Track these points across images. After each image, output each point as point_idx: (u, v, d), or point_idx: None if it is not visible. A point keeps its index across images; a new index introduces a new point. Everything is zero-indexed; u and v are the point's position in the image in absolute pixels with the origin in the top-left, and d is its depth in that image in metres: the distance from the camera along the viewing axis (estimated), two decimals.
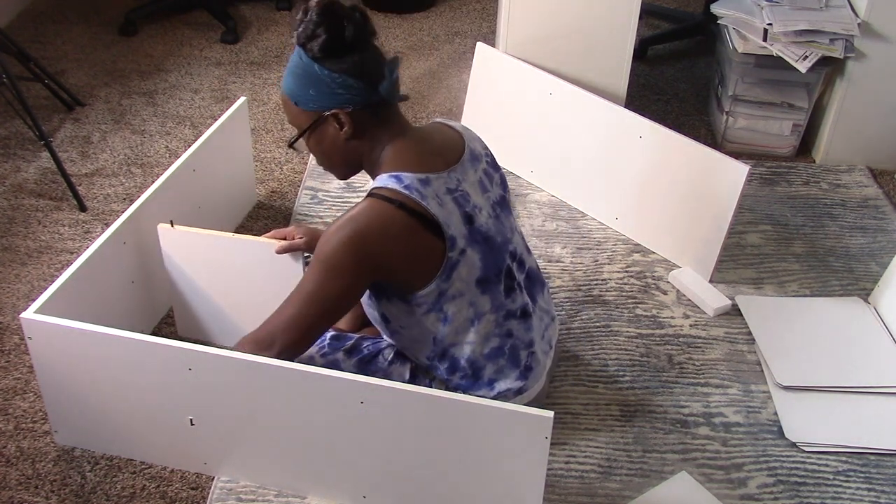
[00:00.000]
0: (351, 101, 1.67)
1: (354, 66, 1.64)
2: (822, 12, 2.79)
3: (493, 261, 1.75)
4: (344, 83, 1.65)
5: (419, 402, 1.66)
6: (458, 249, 1.68)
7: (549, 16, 2.71)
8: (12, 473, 1.91)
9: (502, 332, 1.80)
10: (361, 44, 1.65)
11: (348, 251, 1.61)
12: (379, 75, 1.67)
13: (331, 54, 1.64)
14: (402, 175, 1.66)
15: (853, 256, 2.57)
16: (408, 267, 1.67)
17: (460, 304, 1.72)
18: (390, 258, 1.64)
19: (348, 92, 1.66)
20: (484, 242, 1.73)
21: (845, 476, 1.95)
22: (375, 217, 1.62)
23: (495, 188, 1.83)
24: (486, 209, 1.77)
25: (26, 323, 1.79)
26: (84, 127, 3.04)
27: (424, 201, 1.64)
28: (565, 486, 1.90)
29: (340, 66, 1.64)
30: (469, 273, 1.71)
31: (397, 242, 1.64)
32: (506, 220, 1.84)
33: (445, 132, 1.81)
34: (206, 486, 1.89)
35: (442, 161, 1.73)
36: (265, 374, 1.70)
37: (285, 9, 3.85)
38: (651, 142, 2.47)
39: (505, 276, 1.79)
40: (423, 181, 1.66)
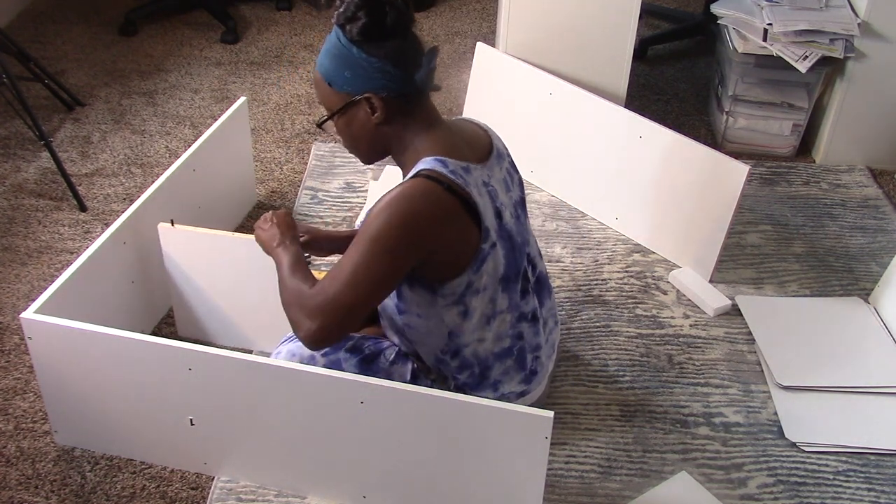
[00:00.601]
0: (385, 87, 1.64)
1: (392, 52, 1.62)
2: (822, 12, 2.79)
3: (514, 260, 1.76)
4: (381, 68, 1.63)
5: (419, 402, 1.66)
6: (490, 242, 1.68)
7: (549, 16, 2.71)
8: (12, 473, 1.91)
9: (514, 334, 1.80)
10: (401, 30, 1.64)
11: (400, 228, 1.58)
12: (416, 64, 1.65)
13: (370, 38, 1.62)
14: (447, 160, 1.64)
15: (853, 256, 2.57)
16: (448, 252, 1.66)
17: (482, 300, 1.72)
18: (436, 239, 1.62)
19: (384, 77, 1.63)
20: (508, 240, 1.74)
21: (845, 476, 1.95)
22: (426, 196, 1.61)
23: (515, 189, 1.84)
24: (510, 209, 1.78)
25: (26, 323, 1.79)
26: (84, 127, 3.04)
27: (468, 188, 1.64)
28: (565, 486, 1.90)
29: (378, 51, 1.62)
30: (495, 269, 1.71)
31: (444, 224, 1.62)
32: (524, 222, 1.85)
33: (472, 128, 1.81)
34: (206, 486, 1.89)
35: (474, 155, 1.73)
36: (265, 374, 1.70)
37: (285, 9, 3.85)
38: (651, 142, 2.47)
39: (522, 278, 1.80)
40: (465, 169, 1.67)
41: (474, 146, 1.75)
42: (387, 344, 1.85)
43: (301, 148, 2.97)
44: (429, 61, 1.67)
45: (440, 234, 1.62)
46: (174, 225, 2.04)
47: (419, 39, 1.69)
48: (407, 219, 1.59)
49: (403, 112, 1.68)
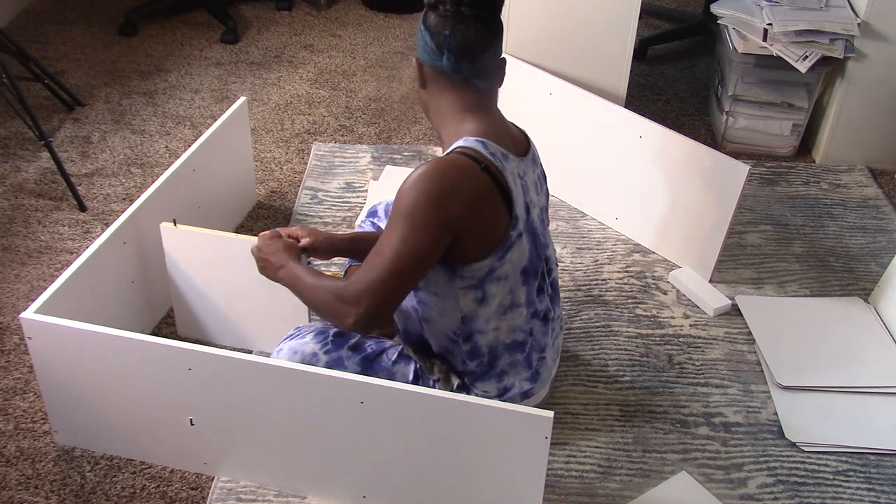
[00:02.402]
0: (429, 59, 1.69)
1: (437, 27, 1.65)
2: (822, 12, 2.79)
3: (536, 256, 1.78)
4: (422, 37, 1.68)
5: (419, 403, 1.66)
6: (518, 230, 1.70)
7: (549, 16, 2.71)
8: (12, 473, 1.91)
9: (526, 330, 1.81)
10: (465, 18, 1.64)
11: (433, 202, 1.58)
12: (467, 53, 1.66)
13: (433, 9, 1.66)
14: (488, 142, 1.67)
15: (853, 256, 2.57)
16: (478, 232, 1.65)
17: (502, 288, 1.73)
18: (469, 215, 1.61)
19: (424, 49, 1.69)
20: (532, 236, 1.76)
21: (845, 476, 1.95)
22: (461, 171, 1.62)
23: (542, 196, 1.87)
24: (537, 209, 1.80)
25: (26, 323, 1.79)
26: (84, 127, 3.04)
27: (504, 172, 1.66)
28: (565, 486, 1.90)
29: (429, 22, 1.66)
30: (519, 259, 1.73)
31: (477, 201, 1.62)
32: (547, 228, 1.88)
33: (514, 129, 1.84)
34: (206, 486, 1.89)
35: (515, 148, 1.76)
36: (265, 374, 1.70)
37: (285, 9, 3.86)
38: (651, 142, 2.47)
39: (540, 276, 1.82)
40: (504, 155, 1.69)
41: (516, 141, 1.79)
42: (389, 344, 1.85)
43: (301, 148, 2.97)
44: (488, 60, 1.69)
45: (473, 210, 1.62)
46: (176, 225, 2.04)
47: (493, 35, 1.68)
48: (441, 192, 1.59)
49: (444, 87, 1.71)
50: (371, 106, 3.22)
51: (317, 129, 3.07)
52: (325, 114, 3.16)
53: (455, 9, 1.63)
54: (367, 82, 3.36)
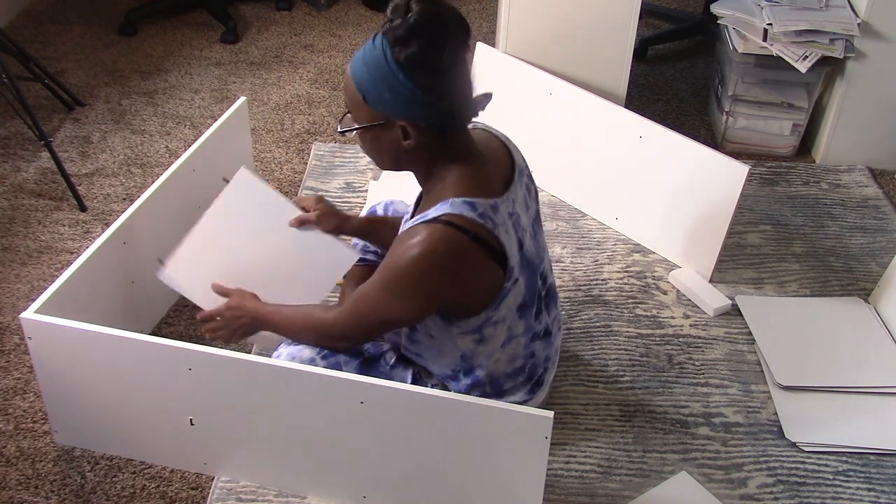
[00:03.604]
0: (426, 119, 1.56)
1: (442, 85, 1.54)
2: (822, 12, 2.79)
3: (531, 284, 1.73)
4: (425, 100, 1.53)
5: (419, 403, 1.66)
6: (513, 279, 1.65)
7: (549, 16, 2.71)
8: (12, 473, 1.91)
9: (527, 354, 1.80)
10: (457, 64, 1.55)
11: (418, 280, 1.57)
12: (463, 97, 1.58)
13: (421, 68, 1.51)
14: (476, 202, 1.58)
15: (853, 256, 2.57)
16: (469, 297, 1.64)
17: (499, 329, 1.71)
18: (457, 289, 1.61)
19: (426, 109, 1.55)
20: (528, 267, 1.71)
21: (845, 476, 1.95)
22: (450, 249, 1.56)
23: (532, 203, 1.79)
24: (529, 230, 1.73)
25: (26, 323, 1.79)
26: (84, 127, 3.04)
27: (496, 230, 1.59)
28: (565, 486, 1.90)
29: (427, 82, 1.52)
30: (515, 300, 1.69)
31: (467, 275, 1.60)
32: (540, 237, 1.81)
33: (494, 145, 1.73)
34: (206, 486, 1.89)
35: (501, 181, 1.67)
36: (265, 374, 1.70)
37: (285, 9, 3.85)
38: (651, 142, 2.47)
39: (537, 300, 1.78)
40: (494, 207, 1.60)
41: (501, 169, 1.70)
42: (387, 347, 1.85)
43: (301, 148, 2.97)
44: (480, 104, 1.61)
45: (462, 285, 1.61)
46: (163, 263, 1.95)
47: (470, 71, 1.60)
48: (426, 272, 1.56)
49: (438, 141, 1.60)
50: None
51: (317, 129, 3.07)
52: (325, 114, 3.16)
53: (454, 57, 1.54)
54: None
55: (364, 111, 1.59)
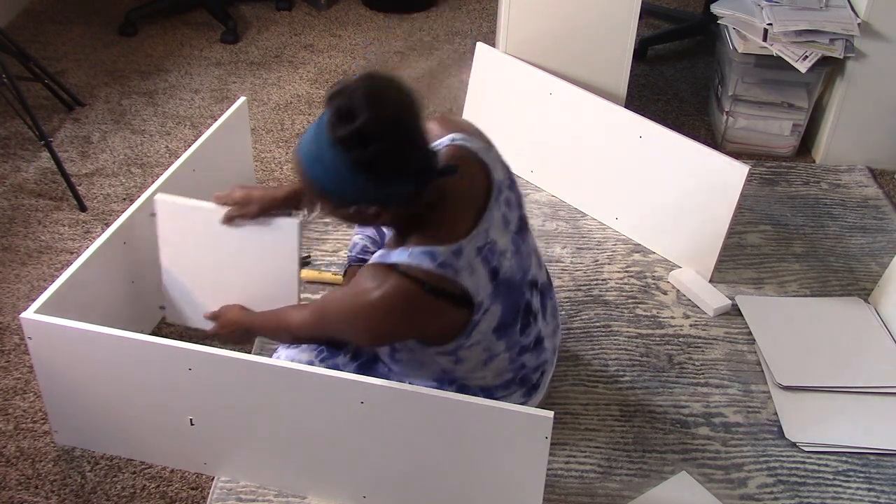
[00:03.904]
0: (393, 202, 1.55)
1: (405, 175, 1.51)
2: (822, 12, 2.79)
3: (512, 303, 1.72)
4: (390, 191, 1.51)
5: (419, 402, 1.66)
6: (482, 310, 1.65)
7: (549, 16, 2.71)
8: (12, 473, 1.91)
9: (515, 367, 1.79)
10: (414, 148, 1.51)
11: (373, 325, 1.60)
12: (431, 173, 1.54)
13: (381, 170, 1.48)
14: (436, 251, 1.57)
15: (853, 256, 2.57)
16: (429, 336, 1.67)
17: (474, 351, 1.70)
18: (414, 333, 1.66)
19: (393, 197, 1.53)
20: (506, 290, 1.70)
21: (845, 476, 1.95)
22: (404, 300, 1.56)
23: (514, 213, 1.75)
24: (509, 248, 1.71)
25: (26, 323, 1.79)
26: (84, 127, 3.04)
27: (458, 277, 1.58)
28: (565, 486, 1.90)
29: (389, 178, 1.50)
30: (488, 325, 1.68)
31: (423, 322, 1.62)
32: (524, 246, 1.77)
33: (471, 169, 1.67)
34: (206, 486, 1.89)
35: (472, 214, 1.64)
36: (265, 374, 1.70)
37: (285, 9, 3.85)
38: (651, 142, 2.47)
39: (522, 314, 1.76)
40: (457, 252, 1.59)
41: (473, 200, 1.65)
42: None
43: None
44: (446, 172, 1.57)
45: (419, 330, 1.65)
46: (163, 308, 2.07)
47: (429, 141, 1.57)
48: (384, 322, 1.60)
49: (407, 207, 1.58)
50: None
51: None
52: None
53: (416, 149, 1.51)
54: None
55: (328, 203, 1.58)
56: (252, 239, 1.93)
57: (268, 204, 1.88)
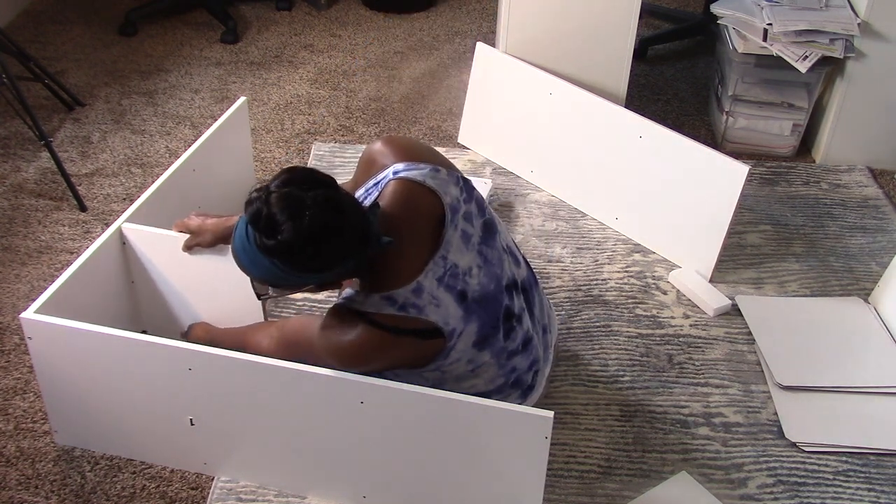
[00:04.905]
0: (338, 278, 1.61)
1: (344, 257, 1.54)
2: (822, 12, 2.79)
3: (489, 317, 1.71)
4: (334, 274, 1.57)
5: (419, 402, 1.66)
6: (456, 335, 1.66)
7: (549, 16, 2.71)
8: (12, 473, 1.91)
9: (506, 371, 1.79)
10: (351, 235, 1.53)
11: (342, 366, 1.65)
12: (369, 245, 1.56)
13: (318, 267, 1.53)
14: (395, 294, 1.60)
15: (853, 256, 2.57)
16: (408, 365, 1.70)
17: (458, 366, 1.71)
18: (391, 366, 1.68)
19: (338, 276, 1.59)
20: (479, 307, 1.69)
21: (845, 476, 1.95)
22: (373, 349, 1.62)
23: (476, 223, 1.73)
24: (474, 264, 1.69)
25: (26, 323, 1.79)
26: (84, 127, 3.04)
27: (423, 314, 1.61)
28: (565, 486, 1.90)
29: (328, 269, 1.54)
30: (466, 344, 1.69)
31: (396, 360, 1.66)
32: (492, 253, 1.75)
33: (420, 200, 1.66)
34: (206, 486, 1.89)
35: (427, 244, 1.65)
36: (265, 374, 1.70)
37: (285, 9, 3.85)
38: (651, 142, 2.47)
39: (504, 321, 1.75)
40: (416, 291, 1.61)
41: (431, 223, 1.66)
42: None
43: (301, 148, 2.97)
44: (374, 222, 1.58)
45: (396, 364, 1.68)
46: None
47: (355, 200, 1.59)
48: (360, 364, 1.64)
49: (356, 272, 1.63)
50: (371, 106, 3.21)
51: (317, 129, 3.07)
52: (325, 114, 3.16)
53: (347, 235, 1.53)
54: (367, 82, 3.36)
55: (279, 289, 1.65)
56: (215, 267, 2.00)
57: (221, 232, 1.94)
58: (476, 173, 2.83)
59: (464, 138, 2.96)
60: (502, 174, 2.82)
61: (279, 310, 2.31)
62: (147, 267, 2.08)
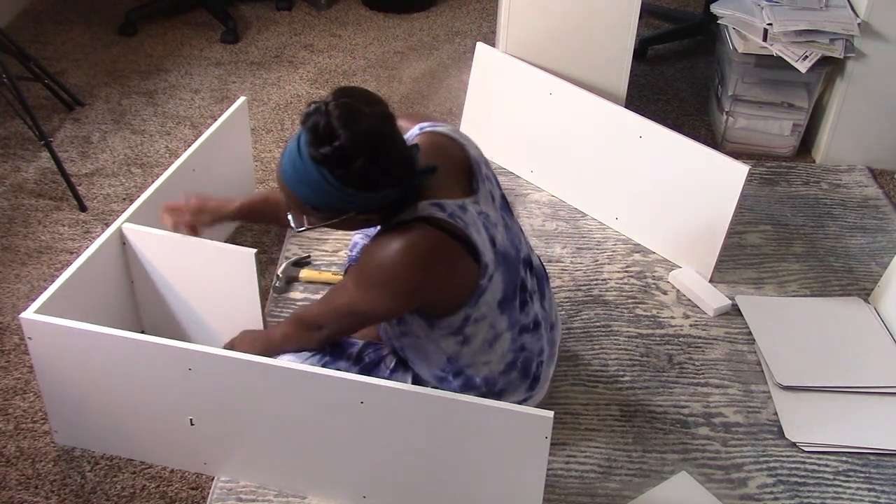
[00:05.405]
0: (382, 205, 1.59)
1: (391, 181, 1.55)
2: (822, 12, 2.79)
3: (510, 278, 1.73)
4: (378, 196, 1.56)
5: (419, 402, 1.66)
6: (488, 276, 1.66)
7: (549, 16, 2.71)
8: (12, 473, 1.91)
9: (516, 348, 1.79)
10: (396, 155, 1.55)
11: (398, 277, 1.58)
12: (413, 175, 1.58)
13: (368, 181, 1.53)
14: (444, 203, 1.61)
15: (853, 256, 2.57)
16: (447, 296, 1.65)
17: (481, 327, 1.71)
18: (438, 285, 1.62)
19: (381, 200, 1.58)
20: (504, 262, 1.71)
21: (845, 476, 1.95)
22: (430, 246, 1.58)
23: (497, 191, 1.80)
24: (500, 222, 1.74)
25: (26, 323, 1.79)
26: (84, 127, 3.04)
27: (467, 229, 1.61)
28: (565, 486, 1.90)
29: (376, 187, 1.55)
30: (493, 297, 1.69)
31: (446, 273, 1.62)
32: (512, 224, 1.81)
33: (449, 149, 1.73)
34: (206, 486, 1.89)
35: (463, 187, 1.69)
36: (265, 374, 1.70)
37: (285, 9, 3.85)
38: (651, 142, 2.47)
39: (520, 291, 1.77)
40: (462, 207, 1.63)
41: (462, 174, 1.71)
42: (387, 352, 1.85)
43: None
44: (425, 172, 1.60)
45: (442, 282, 1.62)
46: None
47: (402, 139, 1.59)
48: (411, 272, 1.58)
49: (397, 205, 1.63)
50: None
51: None
52: None
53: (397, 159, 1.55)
54: (367, 82, 3.36)
55: (318, 216, 1.62)
56: (215, 267, 2.00)
57: (221, 215, 1.97)
58: None
59: None
60: (502, 174, 2.82)
61: (279, 310, 2.31)
62: (147, 267, 2.08)
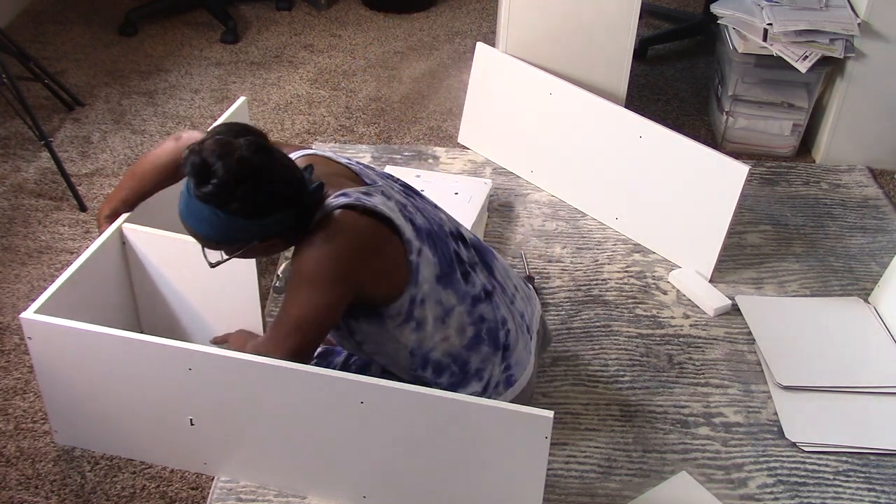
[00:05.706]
0: (284, 227, 1.62)
1: (284, 202, 1.59)
2: (822, 12, 2.79)
3: (441, 252, 1.75)
4: (275, 222, 1.60)
5: (419, 402, 1.66)
6: (415, 250, 1.68)
7: (549, 16, 2.71)
8: (12, 473, 1.91)
9: (475, 319, 1.79)
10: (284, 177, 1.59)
11: (335, 262, 1.61)
12: (304, 194, 1.62)
13: (256, 209, 1.57)
14: (348, 192, 1.66)
15: (853, 256, 2.57)
16: (384, 275, 1.67)
17: (429, 306, 1.72)
18: (367, 264, 1.64)
19: (279, 225, 1.61)
20: (429, 238, 1.73)
21: (845, 476, 1.95)
22: (353, 226, 1.62)
23: (395, 184, 1.82)
24: (410, 205, 1.77)
25: (26, 323, 1.79)
26: (84, 127, 3.04)
27: (377, 208, 1.65)
28: (565, 486, 1.90)
29: (268, 213, 1.58)
30: (430, 271, 1.71)
31: (371, 246, 1.65)
32: (424, 204, 1.83)
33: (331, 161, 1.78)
34: (206, 486, 1.89)
35: (360, 184, 1.74)
36: (265, 374, 1.70)
37: (285, 9, 3.86)
38: (651, 142, 2.47)
39: (457, 263, 1.78)
40: (366, 193, 1.67)
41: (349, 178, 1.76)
42: None
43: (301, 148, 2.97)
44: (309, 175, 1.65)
45: (369, 260, 1.64)
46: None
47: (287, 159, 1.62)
48: (341, 253, 1.61)
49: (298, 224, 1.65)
50: (371, 106, 3.22)
51: (317, 129, 3.07)
52: (325, 114, 3.16)
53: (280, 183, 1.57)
54: (367, 82, 3.36)
55: (227, 250, 1.66)
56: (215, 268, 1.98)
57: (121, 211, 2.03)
58: (476, 173, 2.83)
59: (464, 138, 2.96)
60: (502, 174, 2.82)
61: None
62: (147, 267, 2.08)
